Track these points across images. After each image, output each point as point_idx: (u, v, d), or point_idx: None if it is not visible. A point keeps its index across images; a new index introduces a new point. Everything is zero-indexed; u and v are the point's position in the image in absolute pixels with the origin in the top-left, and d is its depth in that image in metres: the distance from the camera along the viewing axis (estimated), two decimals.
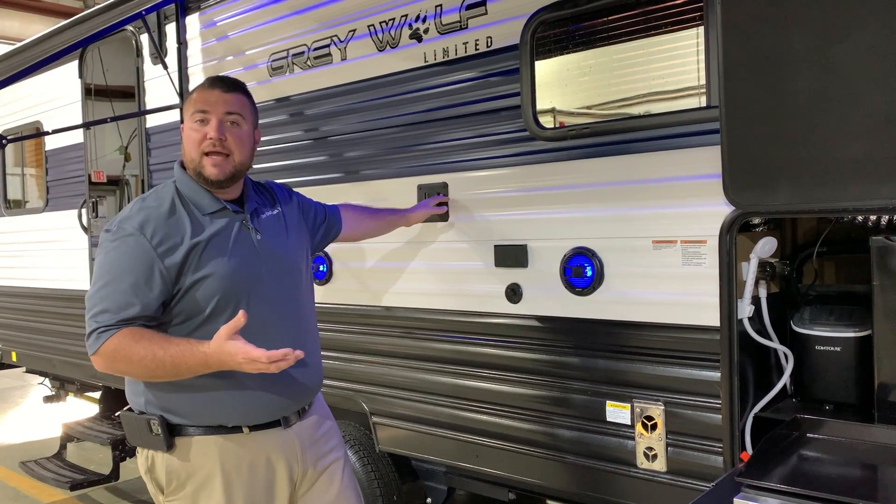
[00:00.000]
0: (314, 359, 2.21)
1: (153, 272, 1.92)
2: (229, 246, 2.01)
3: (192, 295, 1.96)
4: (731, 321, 2.25)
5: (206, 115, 2.02)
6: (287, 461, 2.10)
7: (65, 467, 4.81)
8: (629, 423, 2.50)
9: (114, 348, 1.89)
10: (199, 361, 1.87)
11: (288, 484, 2.11)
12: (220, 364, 1.87)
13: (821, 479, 1.89)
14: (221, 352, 1.85)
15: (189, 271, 1.94)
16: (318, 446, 2.19)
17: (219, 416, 2.01)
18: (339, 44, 3.29)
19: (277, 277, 2.10)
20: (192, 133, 2.03)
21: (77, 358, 5.01)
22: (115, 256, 1.94)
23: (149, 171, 4.40)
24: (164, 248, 1.93)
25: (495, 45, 2.78)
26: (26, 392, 7.86)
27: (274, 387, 2.04)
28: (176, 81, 4.06)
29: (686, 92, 2.46)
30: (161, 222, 1.96)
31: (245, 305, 1.98)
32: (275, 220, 2.20)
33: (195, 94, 2.06)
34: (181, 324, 1.99)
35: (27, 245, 5.63)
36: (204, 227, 2.00)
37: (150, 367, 1.88)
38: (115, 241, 1.95)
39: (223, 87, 2.06)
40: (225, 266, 1.98)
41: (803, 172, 1.99)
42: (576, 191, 2.61)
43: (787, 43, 1.99)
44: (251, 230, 2.08)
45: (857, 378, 2.31)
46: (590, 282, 2.57)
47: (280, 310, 2.09)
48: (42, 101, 5.36)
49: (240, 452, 2.04)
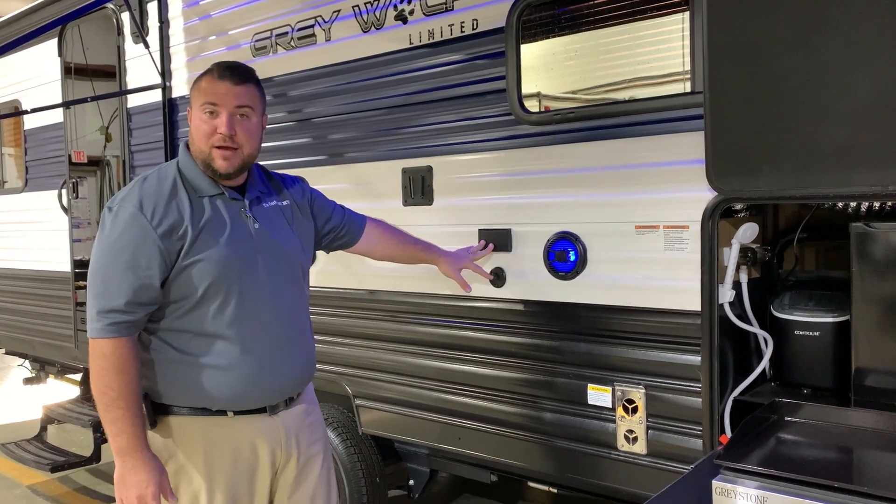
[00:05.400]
0: (305, 352, 2.19)
1: (153, 250, 1.91)
2: (225, 232, 2.00)
3: (184, 277, 1.95)
4: (712, 306, 2.28)
5: (215, 107, 1.99)
6: (270, 447, 2.10)
7: (45, 449, 4.78)
8: (610, 407, 2.52)
9: (109, 352, 1.90)
10: (119, 445, 1.92)
11: (270, 469, 2.11)
12: (119, 470, 1.93)
13: (798, 462, 1.92)
14: (128, 475, 1.91)
15: (184, 253, 1.93)
16: (303, 436, 2.18)
17: (204, 399, 2.00)
18: (323, 24, 3.26)
19: (273, 268, 2.08)
20: (202, 125, 2.01)
21: (58, 340, 4.98)
22: (114, 235, 1.93)
23: (130, 152, 4.35)
24: (163, 228, 1.92)
25: (481, 28, 2.77)
26: (6, 374, 7.79)
27: (262, 377, 2.04)
28: (158, 61, 4.01)
29: (671, 77, 2.47)
30: (161, 202, 1.94)
31: (237, 293, 1.98)
32: (277, 211, 2.18)
33: (205, 84, 2.02)
34: (172, 304, 1.98)
35: (5, 226, 5.57)
36: (203, 210, 2.00)
37: (105, 396, 1.90)
38: (116, 219, 1.94)
39: (233, 79, 2.01)
40: (218, 251, 1.97)
41: (786, 159, 2.00)
42: (560, 175, 2.61)
43: (772, 29, 2.00)
44: (249, 218, 2.07)
45: (834, 362, 2.35)
46: (573, 266, 2.58)
47: (273, 301, 2.07)
48: (20, 79, 5.27)
49: (223, 436, 2.04)
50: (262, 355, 2.03)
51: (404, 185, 3.02)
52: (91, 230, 4.99)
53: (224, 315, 1.98)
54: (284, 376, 2.10)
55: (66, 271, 4.85)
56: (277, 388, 2.09)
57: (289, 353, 2.10)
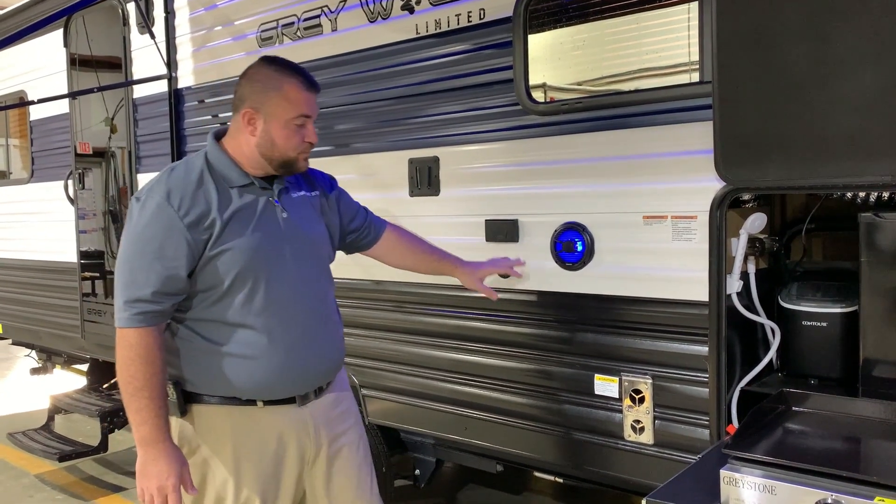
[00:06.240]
0: (334, 342, 2.19)
1: (179, 241, 1.91)
2: (253, 221, 2.01)
3: (212, 267, 1.96)
4: (720, 296, 2.27)
5: (307, 119, 2.05)
6: (299, 439, 2.10)
7: (53, 439, 4.81)
8: (617, 397, 2.52)
9: (135, 342, 1.91)
10: (142, 435, 1.92)
11: (298, 462, 2.11)
12: (141, 459, 1.93)
13: (805, 452, 1.92)
14: (149, 465, 1.92)
15: (211, 243, 1.94)
16: (333, 426, 2.18)
17: (233, 388, 2.01)
18: (329, 14, 3.25)
19: (301, 258, 2.08)
20: (292, 135, 2.03)
21: (64, 330, 5.00)
22: (141, 226, 1.94)
23: (136, 143, 4.35)
24: (190, 219, 1.92)
25: (488, 18, 2.76)
26: (12, 364, 7.83)
27: (290, 367, 2.04)
28: (163, 51, 4.00)
29: (679, 67, 2.46)
30: (188, 192, 1.95)
31: (264, 282, 1.99)
32: (306, 201, 2.19)
33: (297, 95, 2.02)
34: (199, 294, 1.99)
35: (12, 216, 5.58)
36: (231, 199, 2.00)
37: (130, 386, 1.91)
38: (143, 210, 1.95)
39: (315, 89, 2.08)
40: (247, 240, 1.97)
41: (795, 149, 2.00)
42: (567, 166, 2.61)
43: (782, 19, 1.99)
44: (277, 208, 2.07)
45: (842, 353, 2.35)
46: (580, 257, 2.58)
47: (301, 290, 2.08)
48: (26, 70, 5.28)
49: (252, 426, 2.04)
50: (290, 345, 2.03)
51: (411, 175, 3.02)
52: (96, 221, 5.00)
53: (252, 304, 1.99)
54: (313, 366, 2.11)
55: (72, 262, 4.86)
56: (306, 377, 2.10)
57: (317, 343, 2.11)
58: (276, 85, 2.01)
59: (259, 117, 2.01)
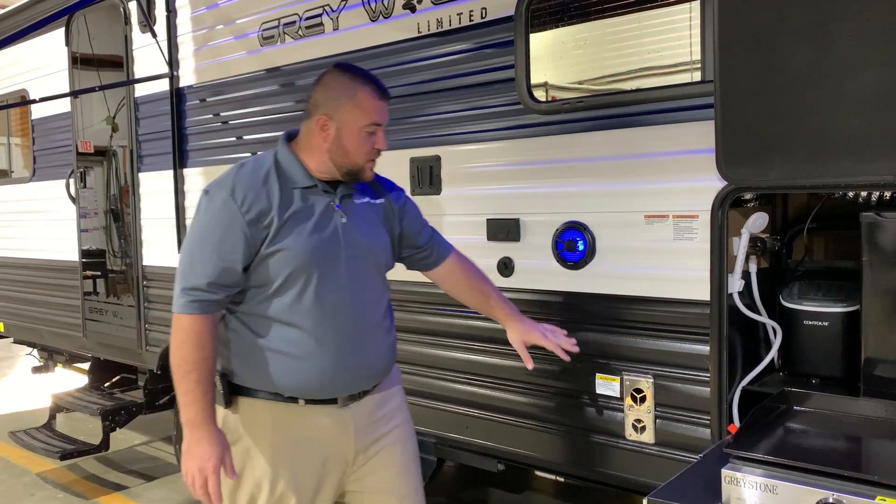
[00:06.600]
0: (381, 349, 2.19)
1: (238, 236, 1.98)
2: (311, 224, 2.04)
3: (266, 265, 2.01)
4: (721, 296, 2.27)
5: (378, 127, 2.09)
6: (339, 439, 2.12)
7: (54, 437, 4.81)
8: (618, 396, 2.52)
9: (188, 327, 1.98)
10: (188, 417, 1.97)
11: (338, 462, 2.13)
12: (187, 441, 1.98)
13: (807, 451, 1.92)
14: (193, 447, 1.96)
15: (268, 241, 2.00)
16: (376, 427, 2.19)
17: (276, 384, 2.05)
18: (331, 13, 3.25)
19: (354, 263, 2.10)
20: (363, 141, 2.07)
21: (65, 329, 5.00)
22: (206, 218, 2.02)
23: (137, 142, 4.36)
24: (251, 215, 1.98)
25: (490, 17, 2.76)
26: (14, 363, 7.84)
27: (333, 370, 2.06)
28: (165, 50, 4.01)
29: (681, 67, 2.46)
30: (252, 189, 2.00)
31: (314, 284, 2.02)
32: (369, 208, 2.20)
33: (370, 103, 2.06)
34: (253, 289, 2.04)
35: (13, 215, 5.58)
36: (292, 200, 2.04)
37: (180, 368, 1.98)
38: (209, 203, 2.02)
39: (387, 98, 2.12)
40: (301, 242, 2.01)
41: (797, 148, 1.99)
42: (569, 165, 2.61)
43: (784, 18, 1.98)
44: (337, 213, 2.10)
45: (843, 352, 2.34)
46: (582, 256, 2.58)
47: (351, 295, 2.09)
48: (28, 68, 5.28)
49: (292, 423, 2.08)
50: (335, 349, 2.06)
51: (412, 174, 3.02)
52: (98, 220, 4.99)
53: (301, 305, 2.02)
54: (356, 371, 2.12)
55: (73, 260, 4.87)
56: (348, 381, 2.11)
57: (363, 349, 2.12)
58: (349, 93, 2.05)
59: (332, 124, 2.05)
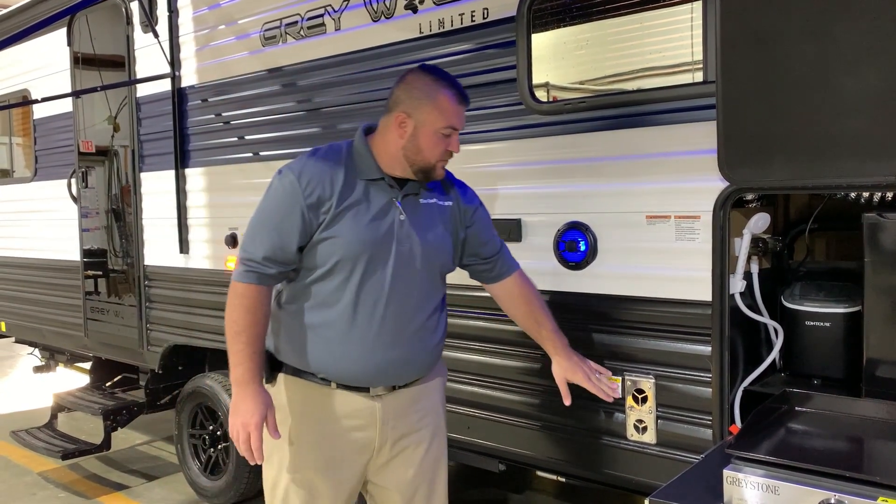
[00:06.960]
0: (419, 350, 2.20)
1: (297, 218, 2.06)
2: (367, 217, 2.09)
3: (317, 249, 2.09)
4: (723, 296, 2.27)
5: (454, 131, 2.13)
6: (365, 427, 2.17)
7: (56, 437, 4.82)
8: (620, 396, 2.52)
9: (241, 293, 2.09)
10: (236, 376, 2.07)
11: (363, 449, 2.19)
12: (234, 398, 2.07)
13: (808, 452, 1.92)
14: (239, 404, 2.05)
15: (322, 227, 2.07)
16: (405, 422, 2.22)
17: (310, 365, 2.14)
18: (333, 13, 3.25)
19: (406, 261, 2.12)
20: (440, 144, 2.12)
21: (67, 328, 5.00)
22: (272, 196, 2.12)
23: (139, 142, 4.36)
24: (311, 200, 2.05)
25: (492, 17, 2.76)
26: (15, 362, 7.85)
27: (364, 361, 2.12)
28: (167, 50, 4.01)
29: (682, 67, 2.46)
30: (318, 174, 2.08)
31: (360, 275, 2.08)
32: (434, 209, 2.22)
33: (449, 107, 2.10)
34: (304, 270, 2.12)
35: (15, 215, 5.59)
36: (353, 189, 2.09)
37: (231, 329, 2.08)
38: (279, 183, 2.11)
39: (467, 103, 2.16)
40: (353, 233, 2.07)
41: (799, 148, 1.99)
42: (570, 165, 2.61)
43: (785, 18, 1.98)
44: (397, 209, 2.13)
45: (845, 353, 2.34)
46: (583, 256, 2.58)
47: (395, 292, 2.11)
48: (30, 68, 5.28)
49: (321, 404, 2.15)
50: (369, 340, 2.10)
51: None
52: (99, 219, 5.00)
53: (343, 293, 2.09)
54: (390, 365, 2.15)
55: (75, 260, 4.87)
56: (379, 374, 2.15)
57: (399, 345, 2.14)
58: (431, 94, 2.09)
59: (410, 122, 2.09)
